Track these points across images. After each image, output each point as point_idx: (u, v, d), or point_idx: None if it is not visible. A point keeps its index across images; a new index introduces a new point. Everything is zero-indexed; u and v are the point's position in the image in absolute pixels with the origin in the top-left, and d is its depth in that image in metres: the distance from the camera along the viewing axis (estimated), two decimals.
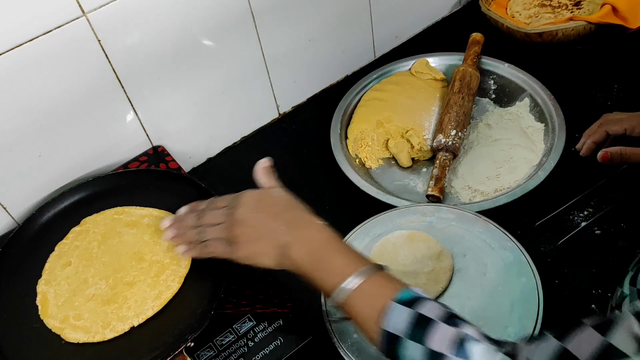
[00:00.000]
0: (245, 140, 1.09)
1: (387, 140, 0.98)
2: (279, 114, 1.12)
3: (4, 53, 0.75)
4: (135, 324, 0.73)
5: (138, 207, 0.85)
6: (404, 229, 0.82)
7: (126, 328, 0.72)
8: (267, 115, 1.10)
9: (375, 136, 0.98)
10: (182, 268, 0.77)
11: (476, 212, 0.81)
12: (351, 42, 1.13)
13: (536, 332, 0.67)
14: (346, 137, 1.00)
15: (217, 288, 0.74)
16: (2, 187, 0.86)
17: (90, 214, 0.85)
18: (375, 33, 1.15)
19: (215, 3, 0.90)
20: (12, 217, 0.89)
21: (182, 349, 0.69)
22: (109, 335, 0.72)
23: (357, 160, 0.98)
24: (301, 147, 1.05)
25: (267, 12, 0.96)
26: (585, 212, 0.85)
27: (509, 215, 0.83)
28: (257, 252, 0.67)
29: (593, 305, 0.76)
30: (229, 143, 1.08)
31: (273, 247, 0.66)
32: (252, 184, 0.99)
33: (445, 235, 0.80)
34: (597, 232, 0.83)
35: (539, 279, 0.72)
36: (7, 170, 0.84)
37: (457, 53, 1.08)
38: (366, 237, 0.82)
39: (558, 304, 0.70)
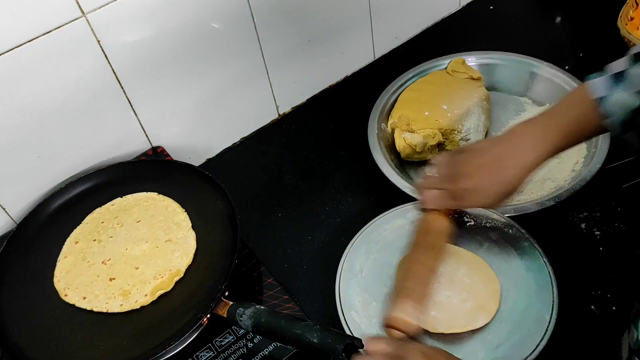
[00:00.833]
0: (244, 141, 1.09)
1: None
2: (279, 114, 1.12)
3: (3, 53, 0.75)
4: (168, 287, 0.76)
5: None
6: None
7: (167, 288, 0.76)
8: (267, 116, 1.10)
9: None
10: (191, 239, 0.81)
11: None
12: (350, 43, 1.13)
13: (551, 325, 0.68)
14: (384, 138, 0.98)
15: (233, 241, 0.77)
16: (1, 188, 0.85)
17: (94, 206, 0.87)
18: (375, 34, 1.16)
19: (214, 3, 0.90)
20: (11, 217, 0.88)
21: (219, 297, 0.71)
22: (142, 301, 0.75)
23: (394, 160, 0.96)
24: (301, 147, 1.05)
25: (267, 12, 0.96)
26: (585, 214, 0.85)
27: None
28: None
29: (592, 307, 0.76)
30: (229, 144, 1.08)
31: None
32: (250, 185, 0.99)
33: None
34: (596, 233, 0.83)
35: (553, 275, 0.73)
36: (7, 170, 0.84)
37: (496, 52, 1.07)
38: (364, 243, 0.82)
39: (558, 304, 0.70)
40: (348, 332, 0.72)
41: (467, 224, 0.81)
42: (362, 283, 0.78)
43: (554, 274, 0.73)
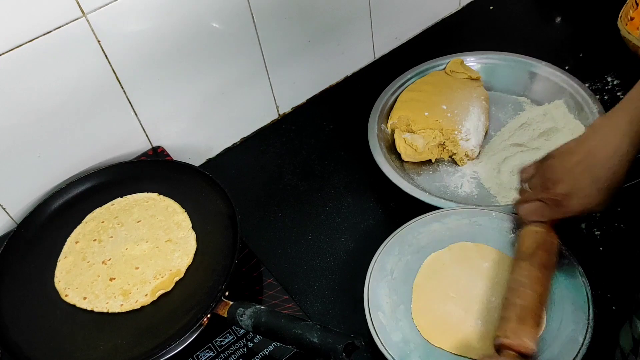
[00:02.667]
0: (244, 141, 1.09)
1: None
2: (279, 114, 1.12)
3: (3, 53, 0.75)
4: (169, 288, 0.76)
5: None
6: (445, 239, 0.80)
7: (167, 288, 0.76)
8: (267, 116, 1.10)
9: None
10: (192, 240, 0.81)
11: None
12: (351, 43, 1.13)
13: (583, 348, 0.67)
14: (384, 138, 0.98)
15: (233, 241, 0.77)
16: (1, 188, 0.85)
17: (95, 206, 0.87)
18: (375, 34, 1.16)
19: (215, 3, 0.90)
20: (11, 217, 0.88)
21: (219, 297, 0.71)
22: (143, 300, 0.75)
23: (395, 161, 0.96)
24: (301, 147, 1.05)
25: (267, 12, 0.96)
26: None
27: None
28: None
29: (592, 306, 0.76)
30: (229, 144, 1.08)
31: None
32: (250, 185, 0.99)
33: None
34: (596, 233, 0.83)
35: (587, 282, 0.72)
36: (7, 170, 0.84)
37: (495, 52, 1.07)
38: (399, 247, 0.81)
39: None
40: (373, 333, 0.72)
41: (511, 237, 0.80)
42: (392, 285, 0.77)
43: (592, 295, 0.71)
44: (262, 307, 0.68)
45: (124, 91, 0.89)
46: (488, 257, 0.77)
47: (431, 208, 0.85)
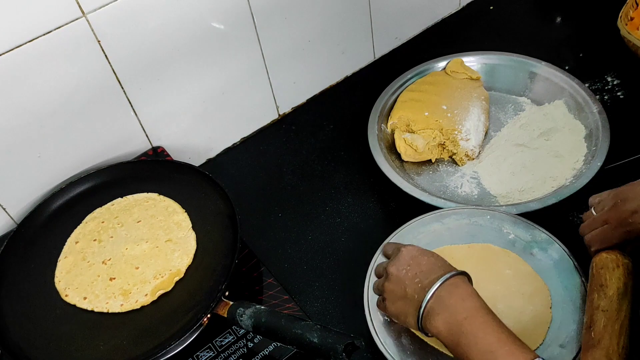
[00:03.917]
0: (245, 141, 1.09)
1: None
2: (279, 114, 1.12)
3: (4, 53, 0.75)
4: (169, 287, 0.76)
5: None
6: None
7: (167, 288, 0.76)
8: (267, 116, 1.10)
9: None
10: (192, 240, 0.81)
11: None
12: (351, 43, 1.13)
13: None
14: (384, 138, 0.98)
15: (233, 241, 0.77)
16: (1, 188, 0.85)
17: (95, 206, 0.87)
18: (375, 34, 1.16)
19: (215, 4, 0.90)
20: (11, 217, 0.89)
21: (219, 297, 0.71)
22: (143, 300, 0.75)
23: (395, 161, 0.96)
24: (301, 148, 1.05)
25: (266, 12, 0.96)
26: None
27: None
28: (400, 312, 0.66)
29: None
30: (229, 144, 1.08)
31: (415, 310, 0.64)
32: (250, 185, 0.99)
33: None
34: None
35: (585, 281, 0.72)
36: (7, 170, 0.84)
37: (495, 52, 1.07)
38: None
39: None
40: (373, 333, 0.72)
41: (510, 238, 0.80)
42: None
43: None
44: (262, 307, 0.68)
45: (124, 91, 0.89)
46: (512, 265, 0.77)
47: (431, 208, 0.85)
